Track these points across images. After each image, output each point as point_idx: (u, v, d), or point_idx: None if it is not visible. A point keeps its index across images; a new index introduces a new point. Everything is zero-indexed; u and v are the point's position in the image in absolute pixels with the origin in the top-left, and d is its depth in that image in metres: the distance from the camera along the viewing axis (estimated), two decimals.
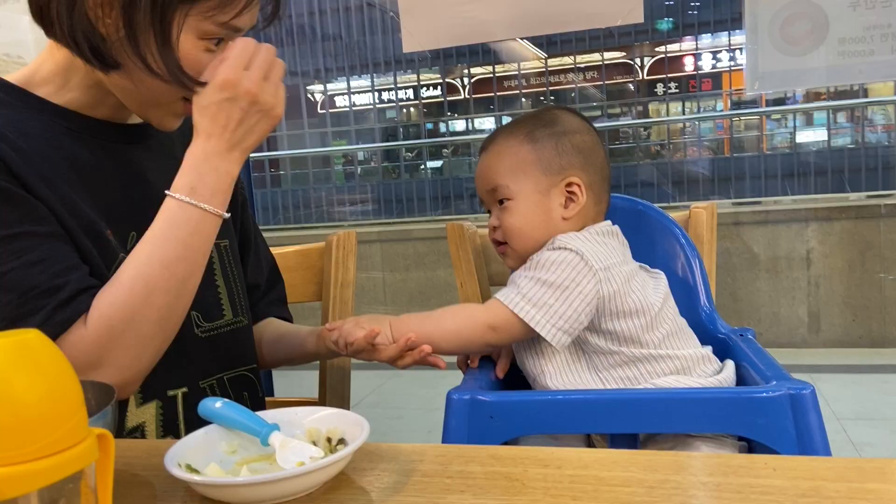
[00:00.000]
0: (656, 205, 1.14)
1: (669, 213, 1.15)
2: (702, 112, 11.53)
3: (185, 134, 1.02)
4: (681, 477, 0.56)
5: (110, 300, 0.77)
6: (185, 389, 0.90)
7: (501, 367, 0.97)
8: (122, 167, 0.89)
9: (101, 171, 0.86)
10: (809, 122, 8.91)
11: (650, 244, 1.10)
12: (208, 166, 0.80)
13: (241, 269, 1.03)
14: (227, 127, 0.80)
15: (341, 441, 0.65)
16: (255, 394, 1.02)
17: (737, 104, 10.26)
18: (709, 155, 8.92)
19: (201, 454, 0.62)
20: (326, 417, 0.67)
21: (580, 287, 0.86)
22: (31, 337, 0.43)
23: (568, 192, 0.94)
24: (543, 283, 0.87)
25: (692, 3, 10.38)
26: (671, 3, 10.71)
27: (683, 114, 11.63)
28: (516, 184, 0.95)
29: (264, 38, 0.91)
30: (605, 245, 0.91)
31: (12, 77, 0.86)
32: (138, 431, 0.86)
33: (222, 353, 0.96)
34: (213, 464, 0.61)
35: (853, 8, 1.60)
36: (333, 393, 1.20)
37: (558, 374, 0.91)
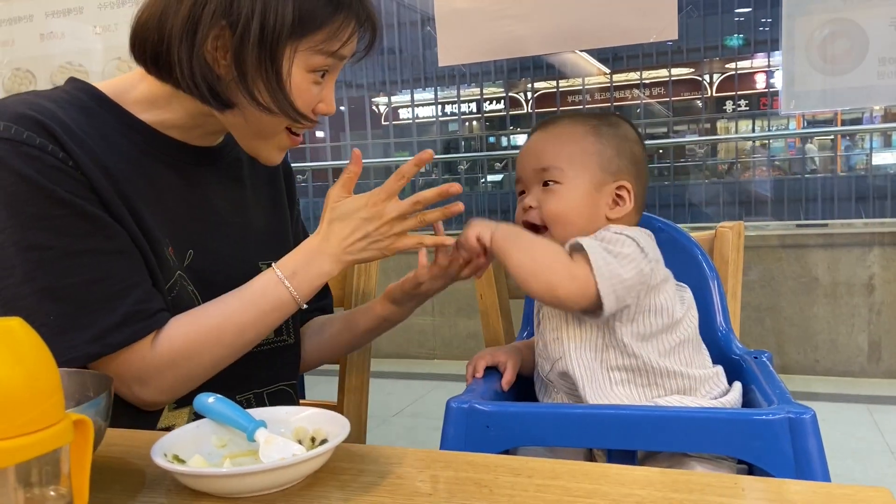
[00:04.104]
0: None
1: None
2: (772, 130, 11.17)
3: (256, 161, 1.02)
4: (646, 492, 0.56)
5: (184, 336, 0.83)
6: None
7: (507, 379, 0.98)
8: (192, 187, 0.93)
9: (172, 190, 0.90)
10: (887, 144, 8.53)
11: (667, 263, 1.09)
12: (316, 262, 0.87)
13: None
14: (347, 238, 0.86)
15: (325, 441, 0.67)
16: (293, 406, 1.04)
17: (811, 123, 9.91)
18: (778, 174, 8.62)
19: (190, 446, 0.65)
20: (313, 416, 0.70)
21: (638, 264, 0.86)
22: (14, 325, 0.46)
23: (617, 194, 0.95)
24: (609, 251, 0.87)
25: (763, 20, 10.11)
26: (741, 19, 10.45)
27: (753, 132, 11.30)
28: (573, 170, 0.94)
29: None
30: (650, 243, 0.92)
31: (104, 86, 0.89)
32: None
33: (261, 371, 0.98)
34: (197, 455, 0.64)
35: (894, 27, 1.54)
36: (352, 399, 1.23)
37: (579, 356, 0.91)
